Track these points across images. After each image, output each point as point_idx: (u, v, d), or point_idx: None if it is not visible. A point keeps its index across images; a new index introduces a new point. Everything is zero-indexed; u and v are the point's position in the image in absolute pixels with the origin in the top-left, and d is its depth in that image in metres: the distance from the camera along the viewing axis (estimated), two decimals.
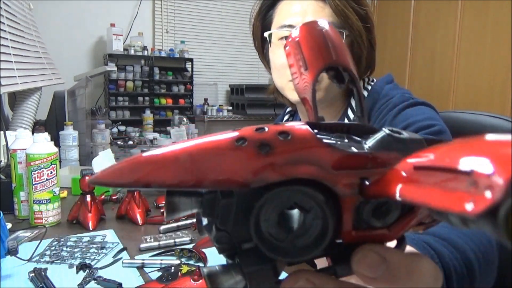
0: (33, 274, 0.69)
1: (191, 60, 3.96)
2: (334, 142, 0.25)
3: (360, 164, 0.23)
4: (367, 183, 0.22)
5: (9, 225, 0.94)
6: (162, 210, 1.06)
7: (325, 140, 0.23)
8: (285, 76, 0.80)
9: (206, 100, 4.16)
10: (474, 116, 1.03)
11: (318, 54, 0.29)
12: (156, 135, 3.55)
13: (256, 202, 0.22)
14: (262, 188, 0.22)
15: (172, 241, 0.85)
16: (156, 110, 3.91)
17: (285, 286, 0.23)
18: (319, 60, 0.29)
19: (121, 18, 3.79)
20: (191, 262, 0.77)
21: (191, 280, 0.61)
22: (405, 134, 0.24)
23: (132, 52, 3.70)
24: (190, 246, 0.83)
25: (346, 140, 0.26)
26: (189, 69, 3.97)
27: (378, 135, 0.25)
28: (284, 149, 0.22)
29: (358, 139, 0.26)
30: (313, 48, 0.29)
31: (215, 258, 0.79)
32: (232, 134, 0.22)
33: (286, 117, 1.01)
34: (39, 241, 0.83)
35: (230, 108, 4.25)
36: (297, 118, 0.99)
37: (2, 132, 1.26)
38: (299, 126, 0.23)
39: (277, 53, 0.81)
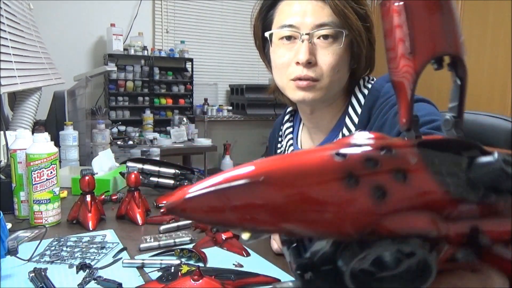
0: (33, 274, 0.69)
1: (191, 60, 3.96)
2: (445, 178, 0.21)
3: (475, 213, 0.20)
4: (481, 239, 0.19)
5: (9, 225, 0.94)
6: (162, 210, 1.06)
7: (439, 178, 0.20)
8: (286, 75, 0.80)
9: (206, 100, 4.15)
10: (474, 116, 1.03)
11: (430, 39, 0.23)
12: (156, 135, 3.56)
13: (360, 253, 0.19)
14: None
15: (172, 241, 0.85)
16: (156, 110, 3.91)
17: None
18: (430, 47, 0.23)
19: (121, 18, 3.79)
20: (191, 262, 0.77)
21: (191, 280, 0.61)
22: None
23: (132, 52, 3.70)
24: (190, 246, 0.83)
25: (451, 172, 0.22)
26: (189, 69, 3.97)
27: (487, 163, 0.21)
28: (400, 196, 0.19)
29: (457, 160, 0.22)
30: (426, 30, 0.23)
31: (215, 258, 0.79)
32: (336, 168, 0.18)
33: (286, 117, 1.01)
34: (39, 241, 0.83)
35: (230, 108, 4.25)
36: (298, 118, 0.99)
37: (2, 132, 1.26)
38: (414, 160, 0.19)
39: (278, 53, 0.81)
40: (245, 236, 0.21)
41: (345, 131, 0.82)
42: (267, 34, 0.83)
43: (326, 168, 0.18)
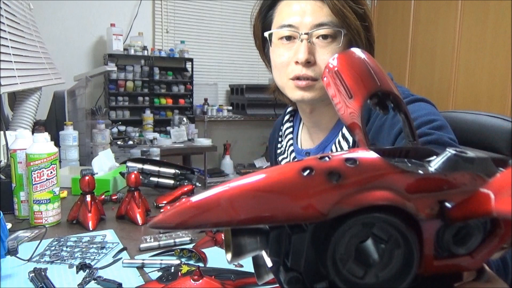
0: (33, 274, 0.69)
1: (191, 60, 3.96)
2: (404, 165, 0.23)
3: (436, 186, 0.22)
4: (448, 205, 0.21)
5: (9, 225, 0.94)
6: (162, 210, 1.06)
7: (396, 163, 0.22)
8: (286, 74, 0.81)
9: (206, 100, 4.15)
10: (474, 116, 1.03)
11: (361, 82, 0.29)
12: (156, 135, 3.56)
13: (332, 236, 0.21)
14: (335, 220, 0.20)
15: (172, 241, 0.85)
16: (156, 110, 3.90)
17: None
18: (363, 88, 0.29)
19: (121, 18, 3.79)
20: (191, 262, 0.77)
21: (191, 280, 0.61)
22: (471, 153, 0.23)
23: (132, 52, 3.70)
24: (190, 246, 0.83)
25: (409, 164, 0.25)
26: (189, 69, 3.97)
27: (444, 156, 0.23)
28: (355, 176, 0.21)
29: (420, 162, 0.25)
30: (355, 77, 0.30)
31: (215, 258, 0.79)
32: (293, 165, 0.21)
33: (286, 117, 1.01)
34: (39, 241, 0.83)
35: (230, 108, 4.25)
36: (298, 118, 0.99)
37: (2, 132, 1.26)
38: (364, 152, 0.22)
39: (277, 52, 0.82)
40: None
41: (344, 130, 0.82)
42: (266, 34, 0.83)
43: (288, 171, 0.21)
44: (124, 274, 0.73)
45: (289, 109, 1.01)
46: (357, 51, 0.31)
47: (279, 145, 1.02)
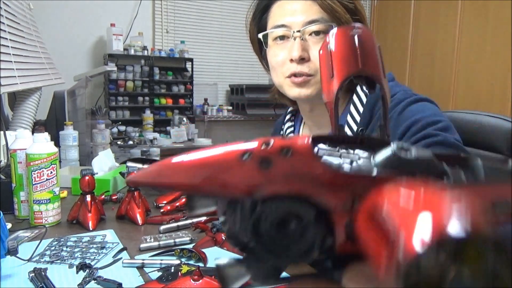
0: (33, 274, 0.69)
1: (191, 60, 3.96)
2: (334, 158, 0.25)
3: (353, 183, 0.24)
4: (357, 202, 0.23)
5: (9, 225, 0.94)
6: (162, 210, 1.06)
7: (324, 157, 0.25)
8: (282, 73, 0.82)
9: (206, 100, 4.15)
10: (474, 116, 1.03)
11: (344, 63, 0.29)
12: (156, 135, 3.56)
13: (253, 213, 0.24)
14: (260, 201, 0.24)
15: (172, 241, 0.85)
16: (156, 110, 3.90)
17: None
18: (345, 69, 0.29)
19: (121, 18, 3.79)
20: (191, 262, 0.77)
21: (191, 280, 0.61)
22: (413, 153, 0.25)
23: (132, 52, 3.70)
24: (190, 246, 0.83)
25: (353, 154, 0.26)
26: (189, 69, 3.97)
27: (385, 153, 0.25)
28: (283, 166, 0.23)
29: (366, 154, 0.26)
30: (341, 57, 0.30)
31: (215, 258, 0.79)
32: (240, 147, 0.24)
33: (287, 117, 1.02)
34: (39, 241, 0.83)
35: (230, 108, 4.25)
36: (299, 117, 0.99)
37: (2, 132, 1.26)
38: (302, 142, 0.24)
39: (273, 53, 0.84)
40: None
41: (346, 129, 0.82)
42: (260, 35, 0.85)
43: (231, 153, 0.24)
44: (124, 274, 0.73)
45: (290, 108, 1.01)
46: (356, 28, 0.30)
47: None
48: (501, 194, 0.23)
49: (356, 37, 0.30)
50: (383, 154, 0.25)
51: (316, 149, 0.26)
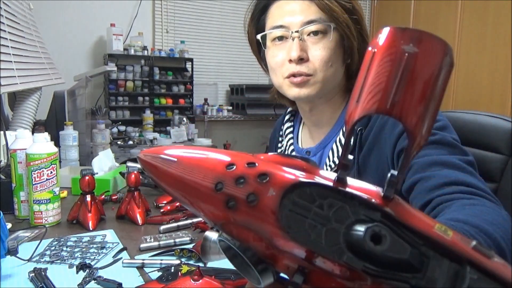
0: (33, 274, 0.69)
1: (191, 60, 3.96)
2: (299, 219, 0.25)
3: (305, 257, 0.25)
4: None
5: (9, 225, 0.94)
6: (162, 210, 1.06)
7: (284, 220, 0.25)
8: (281, 74, 0.82)
9: (206, 100, 4.15)
10: (474, 116, 1.03)
11: (376, 92, 0.22)
12: (156, 135, 3.56)
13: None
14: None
15: (172, 241, 0.85)
16: (156, 110, 3.90)
17: None
18: (373, 101, 0.22)
19: (121, 18, 3.79)
20: (191, 262, 0.77)
21: (191, 280, 0.61)
22: (386, 245, 0.23)
23: (132, 52, 3.70)
24: (190, 246, 0.83)
25: (324, 219, 0.25)
26: (189, 69, 3.97)
27: (357, 234, 0.25)
28: (243, 214, 0.25)
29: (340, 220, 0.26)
30: (376, 82, 0.22)
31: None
32: (219, 169, 0.27)
33: (287, 117, 1.02)
34: (39, 241, 0.83)
35: (230, 108, 4.25)
36: (298, 117, 0.99)
37: (2, 132, 1.26)
38: (271, 194, 0.24)
39: (271, 54, 0.84)
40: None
41: (345, 129, 0.82)
42: (258, 36, 0.85)
43: (212, 171, 0.26)
44: (124, 274, 0.73)
45: (290, 108, 1.01)
46: (413, 38, 0.22)
47: (279, 145, 1.02)
48: None
49: (407, 56, 0.21)
50: (355, 233, 0.23)
51: (281, 206, 0.25)
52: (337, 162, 0.82)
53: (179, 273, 0.70)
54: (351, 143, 0.27)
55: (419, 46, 0.21)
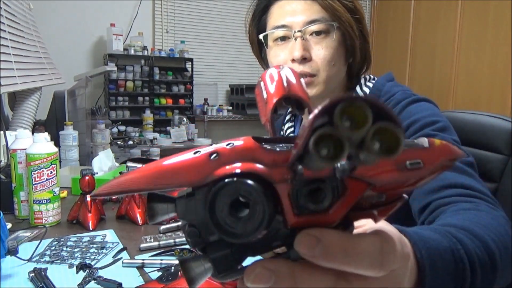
0: (33, 274, 0.69)
1: (191, 60, 3.96)
2: (270, 147, 0.29)
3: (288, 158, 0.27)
4: (300, 167, 0.26)
5: (9, 225, 0.94)
6: None
7: (264, 145, 0.28)
8: None
9: (206, 100, 4.15)
10: (474, 116, 1.03)
11: (274, 90, 0.36)
12: (156, 135, 3.56)
13: (209, 196, 0.27)
14: (213, 185, 0.27)
15: (172, 241, 0.85)
16: (156, 110, 3.90)
17: (245, 275, 0.26)
18: (274, 94, 0.36)
19: (121, 18, 3.79)
20: None
21: None
22: None
23: (132, 52, 3.70)
24: None
25: (279, 148, 0.29)
26: (189, 69, 3.97)
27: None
28: (229, 154, 0.27)
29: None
30: (270, 86, 0.37)
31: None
32: (193, 151, 0.29)
33: (287, 117, 1.02)
34: (39, 241, 0.83)
35: (230, 108, 4.25)
36: (299, 117, 0.99)
37: (2, 132, 1.26)
38: (244, 138, 0.29)
39: (273, 54, 0.83)
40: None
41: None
42: (261, 36, 0.85)
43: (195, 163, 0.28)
44: (124, 274, 0.73)
45: (290, 109, 1.01)
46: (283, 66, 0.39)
47: None
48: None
49: (279, 71, 0.39)
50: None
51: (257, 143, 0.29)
52: None
53: (179, 273, 0.70)
54: None
55: (287, 70, 0.42)
